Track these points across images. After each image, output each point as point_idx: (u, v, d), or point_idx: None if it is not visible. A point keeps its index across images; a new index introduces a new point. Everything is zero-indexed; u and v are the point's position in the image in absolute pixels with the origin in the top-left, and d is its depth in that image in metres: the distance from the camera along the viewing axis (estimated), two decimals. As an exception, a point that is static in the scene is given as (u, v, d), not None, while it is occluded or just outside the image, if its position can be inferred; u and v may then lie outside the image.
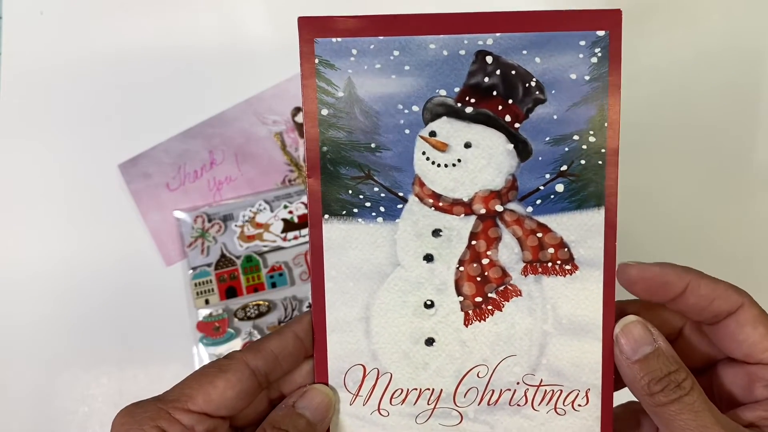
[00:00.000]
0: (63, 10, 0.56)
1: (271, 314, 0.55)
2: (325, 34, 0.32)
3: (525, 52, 0.32)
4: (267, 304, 0.55)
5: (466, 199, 0.33)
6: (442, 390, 0.34)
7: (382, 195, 0.33)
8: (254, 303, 0.55)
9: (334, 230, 0.34)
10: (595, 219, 0.33)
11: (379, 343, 0.34)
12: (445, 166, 0.33)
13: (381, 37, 0.32)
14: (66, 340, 0.55)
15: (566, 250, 0.33)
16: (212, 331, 0.54)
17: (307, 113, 0.33)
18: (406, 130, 0.33)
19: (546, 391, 0.34)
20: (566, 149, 0.33)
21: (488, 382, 0.34)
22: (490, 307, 0.34)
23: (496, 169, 0.33)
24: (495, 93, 0.33)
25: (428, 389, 0.34)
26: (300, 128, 0.55)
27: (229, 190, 0.56)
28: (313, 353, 0.34)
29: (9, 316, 0.55)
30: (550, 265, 0.33)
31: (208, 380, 0.31)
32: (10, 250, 0.55)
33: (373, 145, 0.33)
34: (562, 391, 0.34)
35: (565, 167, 0.33)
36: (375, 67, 0.32)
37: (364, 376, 0.34)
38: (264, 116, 0.55)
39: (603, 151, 0.33)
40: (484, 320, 0.34)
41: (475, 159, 0.33)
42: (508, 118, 0.33)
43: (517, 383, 0.34)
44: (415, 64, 0.32)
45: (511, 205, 0.33)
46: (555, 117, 0.32)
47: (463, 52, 0.32)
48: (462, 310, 0.34)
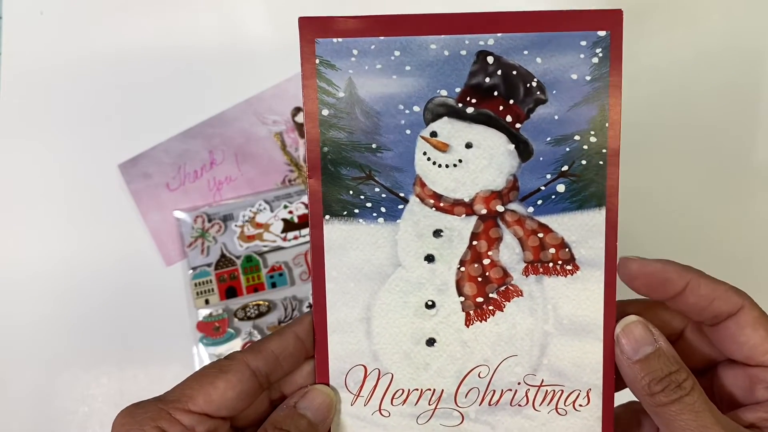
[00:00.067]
0: (63, 10, 0.56)
1: (271, 314, 0.55)
2: (326, 34, 0.32)
3: (526, 52, 0.32)
4: (267, 304, 0.55)
5: (467, 200, 0.33)
6: (443, 390, 0.34)
7: (383, 195, 0.33)
8: (254, 303, 0.55)
9: (335, 231, 0.33)
10: (596, 219, 0.33)
11: (380, 343, 0.34)
12: (446, 166, 0.33)
13: (382, 38, 0.32)
14: (66, 340, 0.55)
15: (567, 250, 0.33)
16: (212, 331, 0.54)
17: (307, 114, 0.33)
18: (407, 130, 0.33)
19: (547, 391, 0.34)
20: (567, 149, 0.33)
21: (489, 382, 0.34)
22: (491, 308, 0.34)
23: (497, 170, 0.33)
24: (496, 93, 0.32)
25: (429, 390, 0.34)
26: (300, 128, 0.55)
27: (229, 190, 0.56)
28: (314, 354, 0.34)
29: (9, 316, 0.55)
30: (551, 265, 0.33)
31: (209, 381, 0.31)
32: (10, 250, 0.55)
33: (374, 146, 0.33)
34: (563, 391, 0.34)
35: (566, 167, 0.33)
36: (376, 68, 0.32)
37: (365, 377, 0.34)
38: (264, 116, 0.55)
39: (604, 151, 0.33)
40: (485, 320, 0.34)
41: (476, 159, 0.33)
42: (509, 119, 0.33)
43: (518, 383, 0.34)
44: (416, 65, 0.32)
45: (512, 206, 0.33)
46: (556, 117, 0.32)
47: (464, 53, 0.32)
48: (463, 311, 0.34)
